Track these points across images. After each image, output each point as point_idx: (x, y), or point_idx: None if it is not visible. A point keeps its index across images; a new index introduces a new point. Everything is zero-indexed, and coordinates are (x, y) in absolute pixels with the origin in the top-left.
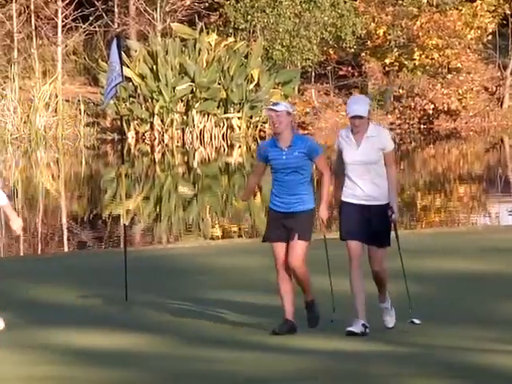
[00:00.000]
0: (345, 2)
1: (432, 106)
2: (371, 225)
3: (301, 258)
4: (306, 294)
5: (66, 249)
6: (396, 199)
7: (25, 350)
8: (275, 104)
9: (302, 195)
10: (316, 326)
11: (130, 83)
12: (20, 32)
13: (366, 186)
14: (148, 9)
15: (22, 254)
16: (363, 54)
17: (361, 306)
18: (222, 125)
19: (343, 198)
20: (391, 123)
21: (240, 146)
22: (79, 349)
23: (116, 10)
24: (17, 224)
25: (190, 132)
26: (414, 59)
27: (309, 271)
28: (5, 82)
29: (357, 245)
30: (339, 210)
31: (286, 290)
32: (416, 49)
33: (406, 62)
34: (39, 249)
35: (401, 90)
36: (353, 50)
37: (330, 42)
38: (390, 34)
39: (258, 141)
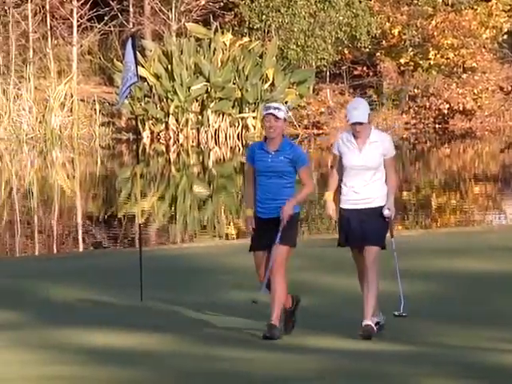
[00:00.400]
0: (360, 2)
1: (447, 106)
2: (366, 225)
3: (281, 264)
4: (274, 309)
5: (80, 248)
6: (393, 199)
7: (36, 350)
8: (276, 108)
9: (284, 199)
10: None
11: (145, 83)
12: (35, 32)
13: (364, 189)
14: (163, 8)
15: (36, 254)
16: (378, 53)
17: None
18: (236, 124)
19: (341, 205)
20: (406, 123)
21: None
22: (92, 348)
23: (131, 9)
24: None
25: (205, 132)
26: (429, 59)
27: (286, 282)
28: (20, 82)
29: (358, 250)
30: (338, 216)
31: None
32: (431, 48)
33: (421, 62)
34: (54, 248)
35: (416, 90)
36: (368, 49)
37: (345, 42)
38: (405, 34)
39: None
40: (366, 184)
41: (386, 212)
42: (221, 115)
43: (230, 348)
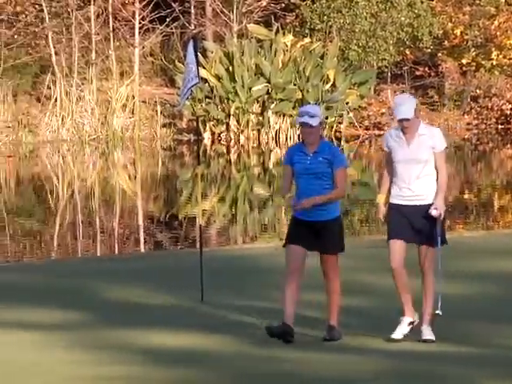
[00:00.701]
0: (422, 2)
1: (510, 106)
2: (418, 224)
3: (335, 269)
4: (332, 314)
5: (142, 249)
6: (442, 199)
7: (93, 350)
8: (311, 116)
9: (327, 203)
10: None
11: (206, 84)
12: (98, 34)
13: (415, 184)
14: (224, 10)
15: (98, 254)
16: (440, 54)
17: (406, 303)
18: (297, 125)
19: (391, 200)
20: (468, 123)
21: None
22: (150, 349)
23: (192, 11)
24: None
25: (266, 133)
26: (492, 59)
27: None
28: (83, 84)
29: (400, 245)
30: (388, 212)
31: (293, 298)
32: (493, 49)
33: (483, 62)
34: (116, 249)
35: (478, 91)
36: (429, 50)
37: (407, 42)
38: (467, 34)
39: (334, 141)
40: (417, 179)
41: (433, 212)
42: (281, 116)
43: (289, 349)
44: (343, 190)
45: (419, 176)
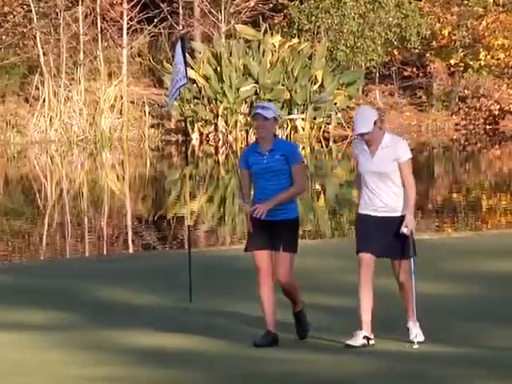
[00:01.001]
0: (409, 3)
1: (498, 107)
2: (388, 236)
3: (289, 271)
4: (296, 304)
5: (130, 250)
6: (411, 213)
7: (88, 351)
8: (265, 108)
9: (285, 203)
10: (305, 338)
11: (194, 85)
12: (86, 34)
13: (382, 196)
14: (212, 10)
15: (87, 255)
16: (428, 54)
17: (364, 316)
18: (285, 126)
19: (359, 210)
20: (456, 124)
21: (304, 148)
22: (142, 349)
23: (181, 11)
24: None
25: (254, 133)
26: (480, 59)
27: (297, 283)
28: (71, 84)
29: (370, 258)
30: (356, 221)
31: (269, 302)
32: (481, 49)
33: (471, 63)
34: (104, 250)
35: (466, 91)
36: (417, 50)
37: (395, 43)
38: (455, 35)
39: (322, 142)
40: (384, 190)
41: (404, 230)
42: None
43: (291, 350)
44: (303, 185)
45: (385, 188)
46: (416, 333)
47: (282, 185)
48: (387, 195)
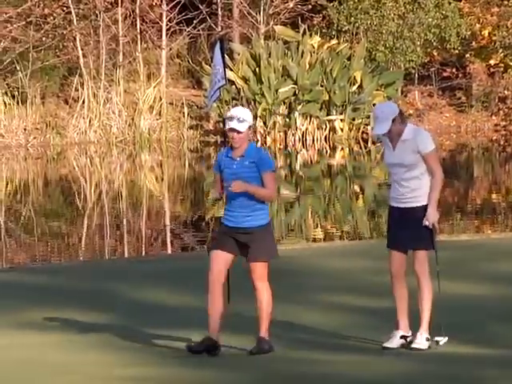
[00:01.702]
0: (449, 3)
1: None
2: (408, 227)
3: (264, 278)
4: (262, 324)
5: (169, 251)
6: (434, 207)
7: (121, 351)
8: (240, 120)
9: (255, 209)
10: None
11: (233, 86)
12: (125, 36)
13: (405, 187)
14: (251, 11)
15: (126, 256)
16: (468, 55)
17: (400, 316)
18: (324, 127)
19: (389, 203)
20: (496, 125)
21: (342, 149)
22: (177, 350)
23: (220, 13)
24: None
25: (293, 134)
26: None
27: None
28: (110, 86)
29: (398, 254)
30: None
31: (218, 307)
32: None
33: (511, 63)
34: (143, 250)
35: (506, 91)
36: (457, 51)
37: (434, 43)
38: (495, 35)
39: (361, 143)
40: (407, 182)
41: (425, 222)
42: (308, 118)
43: (318, 351)
44: (273, 193)
45: (408, 179)
46: (418, 341)
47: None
48: (410, 186)
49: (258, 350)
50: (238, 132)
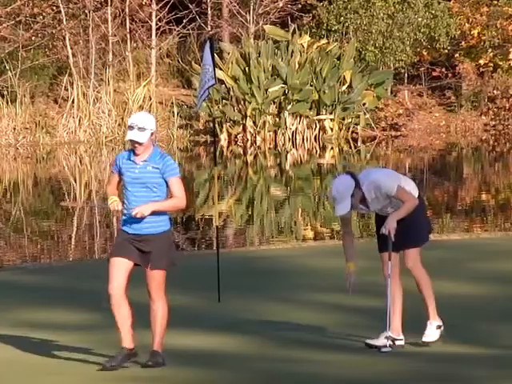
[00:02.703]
0: (439, 3)
1: None
2: (395, 230)
3: (161, 288)
4: (155, 339)
5: None
6: (397, 216)
7: (112, 351)
8: (141, 129)
9: (155, 216)
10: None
11: (223, 85)
12: (115, 35)
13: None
14: (241, 11)
15: None
16: (457, 54)
17: (391, 317)
18: (314, 126)
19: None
20: (485, 124)
21: (332, 148)
22: (170, 349)
23: (209, 12)
24: None
25: (283, 134)
26: (509, 60)
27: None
28: (100, 85)
29: (386, 256)
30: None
31: (125, 316)
32: (511, 49)
33: (500, 63)
34: None
35: (495, 91)
36: (446, 50)
37: (424, 43)
38: (484, 35)
39: (351, 142)
40: (391, 210)
41: (382, 230)
42: (298, 117)
43: (309, 350)
44: (183, 199)
45: (392, 208)
46: (426, 333)
47: (152, 197)
48: (393, 209)
49: (153, 363)
50: (139, 144)
